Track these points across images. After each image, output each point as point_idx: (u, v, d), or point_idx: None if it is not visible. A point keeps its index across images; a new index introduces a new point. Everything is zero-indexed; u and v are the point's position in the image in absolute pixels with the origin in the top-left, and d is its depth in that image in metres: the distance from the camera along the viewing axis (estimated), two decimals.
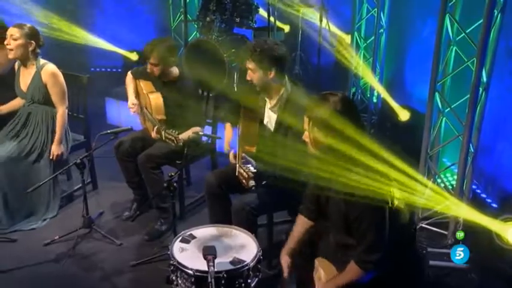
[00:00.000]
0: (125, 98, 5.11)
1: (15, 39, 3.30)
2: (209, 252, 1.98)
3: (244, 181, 2.43)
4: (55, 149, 3.46)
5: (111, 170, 4.02)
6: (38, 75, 3.42)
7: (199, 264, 2.08)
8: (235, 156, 2.76)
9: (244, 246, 2.24)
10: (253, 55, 2.69)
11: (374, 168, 1.89)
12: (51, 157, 3.45)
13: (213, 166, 3.76)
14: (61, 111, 3.47)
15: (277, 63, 2.67)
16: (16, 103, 3.62)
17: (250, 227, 2.56)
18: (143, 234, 3.36)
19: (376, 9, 4.58)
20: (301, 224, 2.31)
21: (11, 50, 3.32)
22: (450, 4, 2.83)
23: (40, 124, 3.48)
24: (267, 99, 2.83)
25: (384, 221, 1.89)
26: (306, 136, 2.11)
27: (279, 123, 2.74)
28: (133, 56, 6.17)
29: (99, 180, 4.01)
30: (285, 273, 2.22)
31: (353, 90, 5.18)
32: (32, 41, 3.37)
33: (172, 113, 3.32)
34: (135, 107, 3.42)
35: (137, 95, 3.57)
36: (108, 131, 3.23)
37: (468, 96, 2.85)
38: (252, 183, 2.37)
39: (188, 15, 5.64)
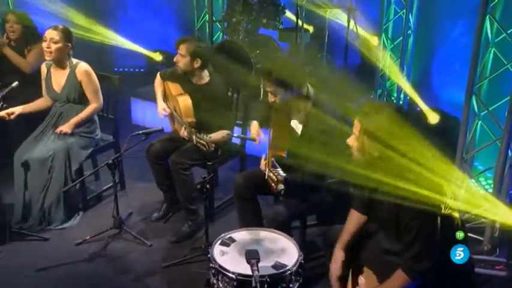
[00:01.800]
0: (150, 98, 5.19)
1: (55, 43, 3.33)
2: (252, 256, 1.96)
3: (273, 184, 2.40)
4: (65, 127, 3.44)
5: (138, 170, 4.05)
6: (73, 74, 3.45)
7: (241, 267, 2.07)
8: (265, 162, 2.72)
9: (285, 250, 2.22)
10: (270, 79, 2.66)
11: (427, 176, 1.85)
12: (57, 130, 3.44)
13: (241, 168, 3.74)
14: (93, 106, 3.51)
15: (297, 79, 2.66)
16: (41, 103, 3.63)
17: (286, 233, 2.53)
18: (171, 236, 3.35)
19: (404, 10, 4.53)
20: (355, 218, 2.27)
21: (50, 52, 3.34)
22: (492, 5, 2.77)
23: None
24: (293, 112, 2.80)
25: (436, 229, 1.85)
26: (351, 140, 2.07)
27: (305, 130, 2.73)
28: (157, 56, 6.19)
29: (127, 181, 4.02)
30: (337, 270, 2.19)
31: (379, 92, 5.13)
32: (69, 44, 3.40)
33: (202, 115, 3.31)
34: (165, 111, 3.42)
35: (166, 97, 3.57)
36: (140, 132, 3.23)
37: (508, 98, 2.79)
38: (281, 186, 2.34)
39: (213, 16, 5.65)
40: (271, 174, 2.39)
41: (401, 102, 4.98)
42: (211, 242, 3.02)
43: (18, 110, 3.45)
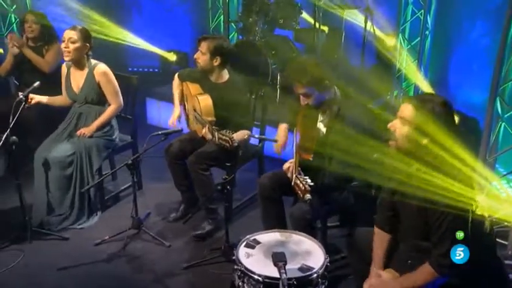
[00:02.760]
0: (166, 98, 5.19)
1: (73, 42, 3.33)
2: (279, 259, 1.95)
3: (299, 192, 2.38)
4: (85, 129, 3.44)
5: (154, 171, 4.04)
6: (91, 75, 3.45)
7: (267, 270, 2.05)
8: (289, 168, 2.69)
9: (310, 253, 2.20)
10: (302, 80, 2.62)
11: (459, 174, 1.83)
12: (78, 133, 3.44)
13: (259, 169, 3.73)
14: (113, 107, 3.51)
15: (330, 79, 2.66)
16: (61, 100, 3.63)
17: (309, 232, 2.51)
18: (191, 236, 3.35)
19: (422, 10, 4.50)
20: (381, 238, 2.22)
21: (69, 52, 3.34)
22: None
23: None
24: (320, 115, 2.78)
25: (467, 227, 1.83)
26: (396, 125, 2.02)
27: (329, 133, 2.70)
28: (171, 57, 6.19)
29: (143, 181, 4.02)
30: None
31: (395, 92, 5.09)
32: (87, 44, 3.40)
33: (221, 115, 3.30)
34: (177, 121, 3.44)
35: (184, 97, 3.57)
36: (159, 132, 3.22)
37: None
38: (308, 197, 2.32)
39: (226, 16, 5.64)
40: (298, 182, 2.36)
41: None
42: (232, 243, 3.08)
43: (40, 98, 3.45)
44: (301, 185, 2.35)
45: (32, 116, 3.71)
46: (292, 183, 2.46)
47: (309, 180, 2.36)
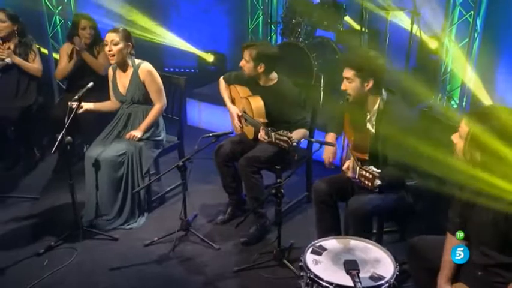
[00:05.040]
0: (206, 99, 5.21)
1: (115, 44, 3.34)
2: (352, 267, 1.91)
3: (367, 182, 2.32)
4: (136, 131, 3.45)
5: (200, 172, 4.03)
6: (136, 74, 3.47)
7: (336, 277, 2.01)
8: (348, 167, 2.64)
9: (379, 261, 2.15)
10: (352, 64, 2.62)
11: None
12: (127, 136, 3.45)
13: (307, 173, 3.70)
14: (158, 106, 3.51)
15: (377, 74, 2.62)
16: (110, 105, 3.66)
17: (366, 228, 2.54)
18: (239, 239, 3.33)
19: (472, 12, 4.39)
20: (452, 244, 2.13)
21: (113, 55, 3.36)
22: None
23: (141, 123, 3.51)
24: (367, 116, 2.74)
25: None
26: (456, 138, 2.02)
27: (376, 136, 2.66)
28: (209, 57, 6.19)
29: (188, 182, 4.01)
30: None
31: (439, 96, 4.98)
32: (129, 43, 3.42)
33: (273, 116, 3.28)
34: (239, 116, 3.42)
35: (232, 100, 3.55)
36: (210, 134, 3.21)
37: None
38: (377, 182, 2.25)
39: (266, 17, 5.62)
40: (364, 172, 2.32)
41: (463, 106, 4.83)
42: (283, 247, 3.04)
43: (88, 105, 3.47)
44: (367, 174, 2.30)
45: (80, 116, 3.74)
46: (357, 176, 2.41)
47: (374, 168, 2.30)
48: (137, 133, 3.44)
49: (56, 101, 5.12)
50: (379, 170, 2.28)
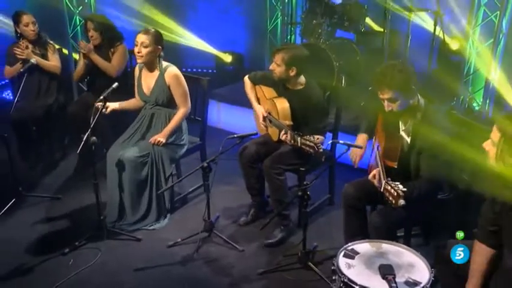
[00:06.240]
0: (226, 100, 5.20)
1: (145, 47, 3.33)
2: (388, 272, 1.88)
3: (391, 198, 2.28)
4: (159, 135, 3.43)
5: (222, 173, 3.99)
6: (162, 77, 3.45)
7: (371, 282, 1.98)
8: (374, 176, 2.60)
9: (413, 266, 2.11)
10: (390, 85, 2.51)
11: None
12: (151, 140, 3.41)
13: (330, 175, 3.67)
14: (182, 111, 3.49)
15: (416, 85, 2.56)
16: (134, 103, 3.65)
17: (390, 239, 2.44)
18: (263, 241, 3.30)
19: (498, 12, 4.32)
20: (481, 253, 2.09)
21: (141, 56, 3.34)
22: None
23: (164, 126, 3.51)
24: (401, 123, 2.68)
25: None
26: (488, 145, 1.99)
27: (411, 146, 2.60)
28: (227, 57, 6.18)
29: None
30: None
31: (461, 97, 4.92)
32: (159, 46, 3.40)
33: (298, 119, 3.25)
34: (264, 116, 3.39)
35: (257, 100, 3.53)
36: (235, 135, 3.20)
37: None
38: (402, 202, 2.21)
39: (286, 18, 5.59)
40: (389, 188, 2.27)
41: (486, 108, 4.76)
42: (308, 249, 3.01)
43: (114, 105, 3.48)
44: (392, 191, 2.26)
45: (101, 116, 3.75)
46: (382, 190, 2.38)
47: (400, 186, 2.27)
48: (161, 138, 3.42)
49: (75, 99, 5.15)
50: (405, 189, 2.23)
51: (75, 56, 5.42)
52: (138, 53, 3.34)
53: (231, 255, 3.19)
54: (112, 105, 3.43)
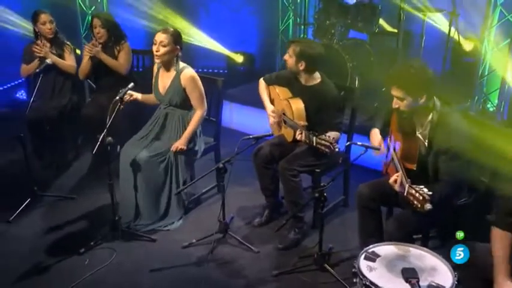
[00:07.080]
0: (238, 100, 5.19)
1: (164, 46, 3.31)
2: (411, 275, 1.86)
3: (416, 202, 2.23)
4: (179, 143, 3.42)
5: (236, 174, 3.97)
6: (178, 79, 3.44)
7: (394, 285, 1.96)
8: (396, 180, 2.56)
9: (436, 269, 2.08)
10: (400, 83, 2.48)
11: None
12: (172, 148, 3.41)
13: (345, 177, 3.65)
14: (199, 113, 3.48)
15: (429, 88, 2.50)
16: (152, 98, 3.64)
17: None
18: (277, 243, 3.29)
19: None
20: (501, 238, 2.11)
21: (159, 55, 3.33)
22: None
23: (177, 127, 3.51)
24: (417, 124, 2.65)
25: None
26: None
27: (429, 148, 2.57)
28: (238, 58, 6.17)
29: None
30: None
31: (476, 98, 4.88)
32: (178, 46, 3.39)
33: (312, 117, 3.23)
34: (275, 115, 3.37)
35: (272, 101, 3.52)
36: (250, 136, 3.18)
37: None
38: (428, 206, 2.16)
39: (298, 18, 5.57)
40: (414, 192, 2.23)
41: (501, 110, 4.72)
42: (323, 251, 3.00)
43: (137, 95, 3.50)
44: (417, 195, 2.22)
45: (117, 115, 3.76)
46: (405, 194, 2.34)
47: (425, 189, 2.23)
48: (182, 145, 3.41)
49: (87, 101, 5.16)
50: (430, 193, 2.18)
51: None
52: (156, 51, 3.32)
53: (245, 256, 3.18)
54: (136, 95, 3.45)
